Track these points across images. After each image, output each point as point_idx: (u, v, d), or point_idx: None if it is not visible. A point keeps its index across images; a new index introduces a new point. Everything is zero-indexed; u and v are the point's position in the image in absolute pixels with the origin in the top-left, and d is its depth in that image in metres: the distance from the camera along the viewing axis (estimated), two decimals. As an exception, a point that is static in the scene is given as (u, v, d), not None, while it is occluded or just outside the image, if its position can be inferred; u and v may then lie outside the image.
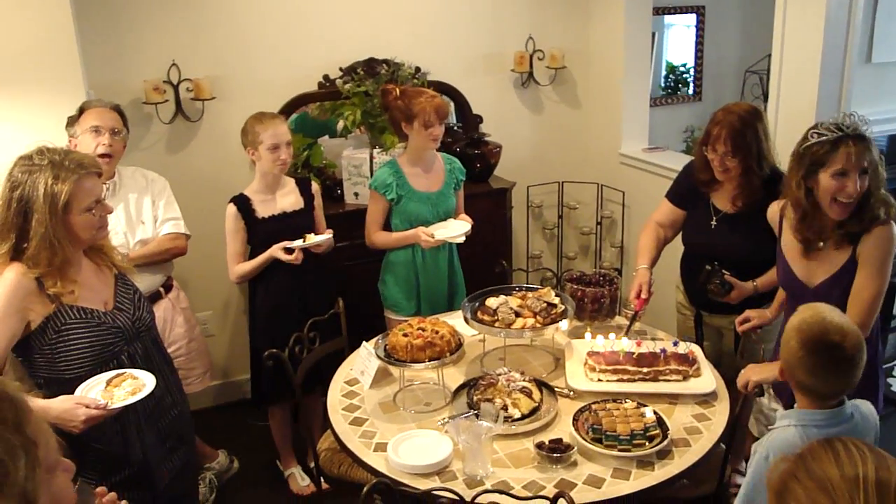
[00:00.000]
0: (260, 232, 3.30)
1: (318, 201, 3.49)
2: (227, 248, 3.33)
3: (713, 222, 3.02)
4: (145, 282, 3.00)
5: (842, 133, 2.37)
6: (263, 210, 3.32)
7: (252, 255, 3.33)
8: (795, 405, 2.05)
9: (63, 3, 3.02)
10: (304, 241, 3.24)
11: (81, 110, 3.00)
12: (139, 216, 3.16)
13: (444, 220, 3.48)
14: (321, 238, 3.28)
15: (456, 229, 3.40)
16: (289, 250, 3.22)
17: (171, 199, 3.27)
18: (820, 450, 1.22)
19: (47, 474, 1.20)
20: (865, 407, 2.07)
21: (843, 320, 1.97)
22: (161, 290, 3.25)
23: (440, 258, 3.48)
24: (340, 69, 4.14)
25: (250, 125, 3.27)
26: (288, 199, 3.39)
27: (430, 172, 3.50)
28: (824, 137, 2.39)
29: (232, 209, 3.29)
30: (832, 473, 1.17)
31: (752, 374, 2.46)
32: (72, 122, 3.01)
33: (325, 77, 4.13)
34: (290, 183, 3.44)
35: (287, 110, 4.05)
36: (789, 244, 2.64)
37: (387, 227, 3.48)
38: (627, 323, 3.05)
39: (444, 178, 3.52)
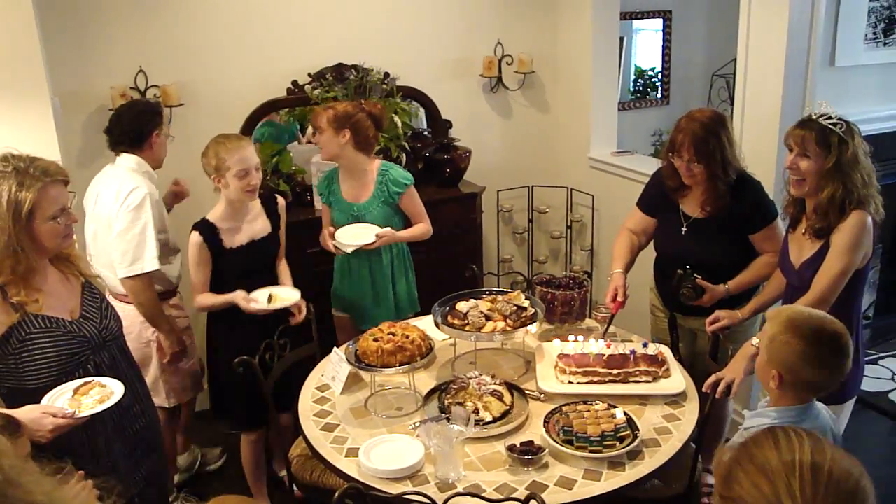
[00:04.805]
0: (228, 262, 3.06)
1: (282, 220, 3.26)
2: (192, 279, 3.05)
3: (684, 228, 3.04)
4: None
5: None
6: (231, 240, 3.06)
7: (218, 283, 3.06)
8: (766, 403, 2.07)
9: (26, 8, 2.94)
10: (269, 303, 3.02)
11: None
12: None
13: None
14: (285, 304, 3.05)
15: (353, 239, 3.28)
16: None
17: None
18: (762, 437, 1.28)
19: None
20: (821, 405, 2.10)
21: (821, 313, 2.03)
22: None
23: (353, 267, 3.43)
24: (309, 75, 4.13)
25: (213, 150, 2.99)
26: (256, 224, 3.15)
27: (360, 183, 3.42)
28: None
29: (196, 238, 2.99)
30: (771, 458, 1.21)
31: (724, 374, 2.49)
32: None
33: (294, 83, 4.12)
34: (256, 205, 3.17)
35: (256, 116, 4.03)
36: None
37: None
38: (598, 326, 3.07)
39: (373, 190, 3.40)
